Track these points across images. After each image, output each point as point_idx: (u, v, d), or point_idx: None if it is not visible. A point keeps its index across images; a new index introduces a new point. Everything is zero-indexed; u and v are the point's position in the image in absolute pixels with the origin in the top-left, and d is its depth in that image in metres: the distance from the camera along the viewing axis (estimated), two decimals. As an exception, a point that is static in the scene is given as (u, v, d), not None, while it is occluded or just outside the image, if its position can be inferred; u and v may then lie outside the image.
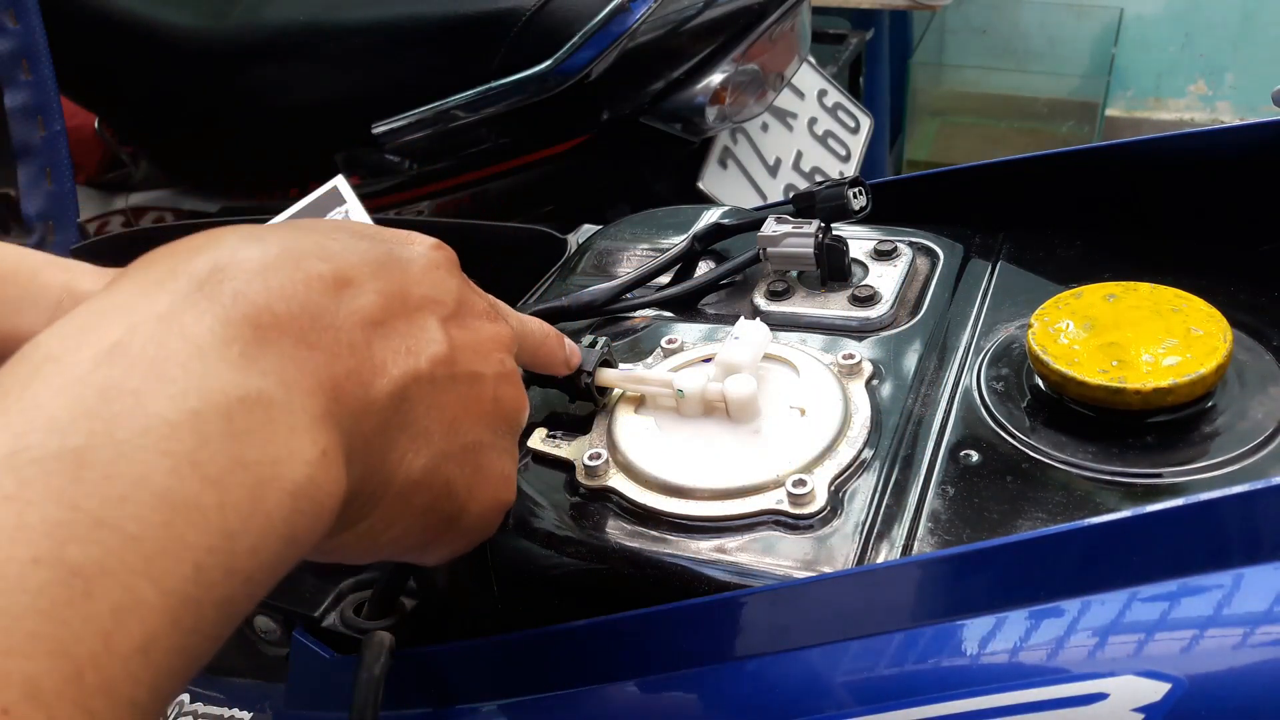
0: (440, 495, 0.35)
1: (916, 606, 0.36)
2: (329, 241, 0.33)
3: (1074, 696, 0.33)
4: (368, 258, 0.34)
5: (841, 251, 0.55)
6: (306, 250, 0.32)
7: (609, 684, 0.41)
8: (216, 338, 0.28)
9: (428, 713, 0.46)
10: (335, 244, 0.33)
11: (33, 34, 1.00)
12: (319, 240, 0.33)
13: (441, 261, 0.37)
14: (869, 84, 1.95)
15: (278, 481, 0.27)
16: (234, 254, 0.30)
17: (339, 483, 0.29)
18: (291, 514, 0.28)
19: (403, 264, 0.35)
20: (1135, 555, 0.33)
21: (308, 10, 1.15)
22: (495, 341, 0.38)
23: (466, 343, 0.36)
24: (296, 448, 0.28)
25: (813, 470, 0.43)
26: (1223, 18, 2.37)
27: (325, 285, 0.31)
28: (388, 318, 0.33)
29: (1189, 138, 0.54)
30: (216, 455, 0.26)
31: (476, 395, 0.36)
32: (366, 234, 0.35)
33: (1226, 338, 0.43)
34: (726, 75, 1.17)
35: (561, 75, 1.05)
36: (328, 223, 0.35)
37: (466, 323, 0.37)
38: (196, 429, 0.26)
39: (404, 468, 0.33)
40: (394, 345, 0.33)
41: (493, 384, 0.37)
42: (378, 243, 0.35)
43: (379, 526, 0.34)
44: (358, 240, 0.34)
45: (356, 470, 0.31)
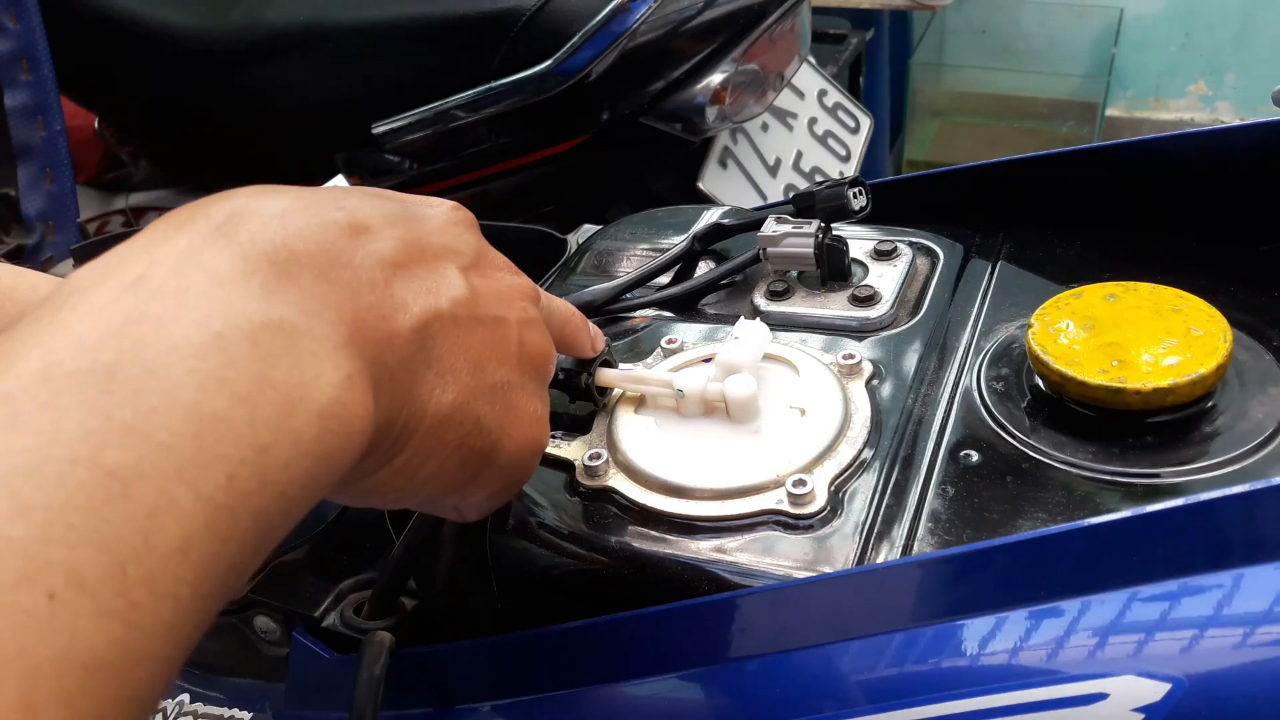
0: (472, 431, 0.35)
1: (916, 606, 0.36)
2: (345, 197, 0.34)
3: (1074, 696, 0.33)
4: (384, 210, 0.34)
5: (841, 251, 0.55)
6: (323, 201, 0.32)
7: (609, 684, 0.41)
8: (236, 271, 0.28)
9: (428, 713, 0.46)
10: (351, 199, 0.34)
11: (33, 34, 1.00)
12: (335, 195, 0.33)
13: (460, 219, 0.38)
14: (869, 84, 1.95)
15: (305, 401, 0.28)
16: (249, 202, 0.31)
17: (366, 407, 0.30)
18: (321, 432, 0.28)
19: (420, 218, 0.35)
20: (1135, 555, 0.33)
21: (308, 10, 1.15)
22: (517, 290, 0.38)
23: (488, 289, 0.36)
24: (322, 370, 0.28)
25: (813, 470, 0.43)
26: (1223, 18, 2.37)
27: (341, 230, 0.32)
28: (406, 261, 0.33)
29: (1189, 138, 0.54)
30: (243, 374, 0.26)
31: (501, 337, 0.36)
32: (383, 194, 0.36)
33: (1226, 338, 0.43)
34: (726, 75, 1.17)
35: (561, 75, 1.05)
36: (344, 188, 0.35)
37: (487, 273, 0.37)
38: (222, 350, 0.26)
39: (433, 402, 0.34)
40: (414, 286, 0.33)
41: (517, 328, 0.37)
42: (394, 201, 0.36)
43: (414, 462, 0.34)
44: (374, 198, 0.35)
45: (384, 400, 0.31)
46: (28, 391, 0.24)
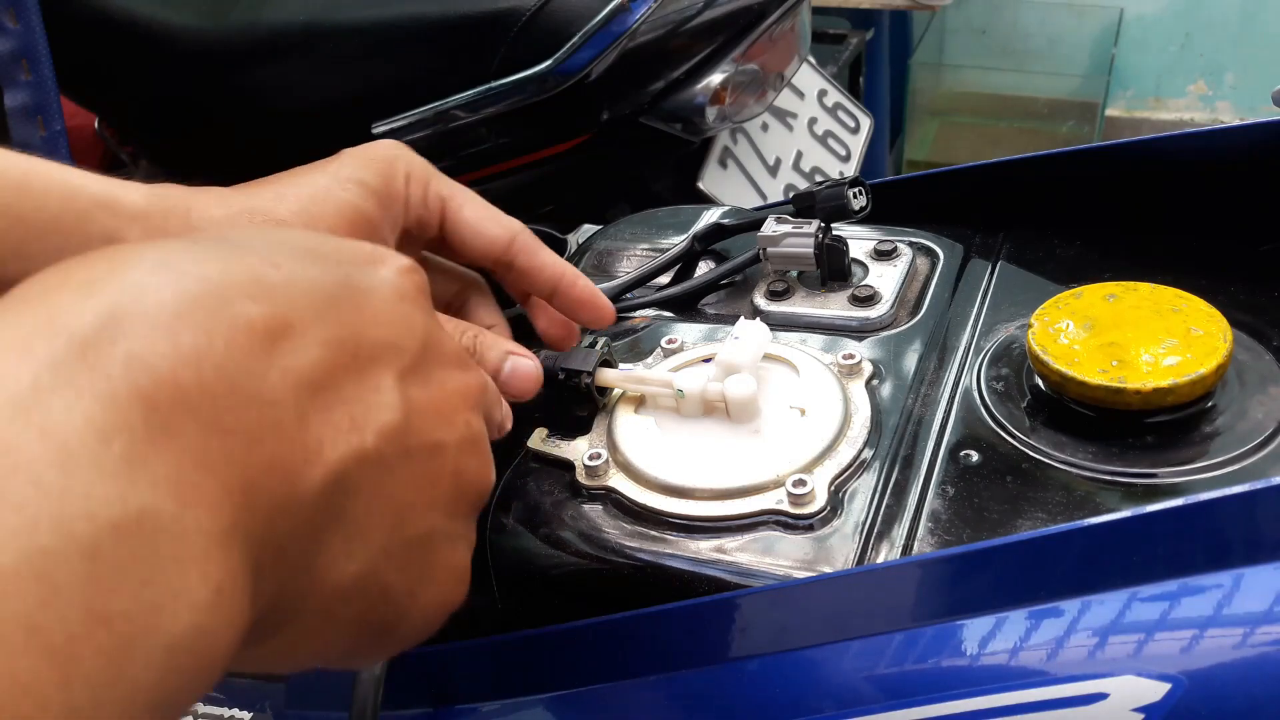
0: (375, 603, 0.29)
1: (916, 606, 0.36)
2: (269, 268, 0.26)
3: (1074, 696, 0.33)
4: (316, 290, 0.27)
5: (841, 251, 0.55)
6: (236, 282, 0.25)
7: (609, 684, 0.41)
8: (94, 430, 0.21)
9: (428, 713, 0.46)
10: (278, 272, 0.27)
11: (33, 34, 1.00)
12: (257, 266, 0.26)
13: (409, 290, 0.31)
14: (869, 84, 1.95)
15: (150, 637, 0.21)
16: (139, 295, 0.23)
17: (237, 620, 0.23)
18: (164, 674, 0.21)
19: (360, 296, 0.29)
20: (1135, 555, 0.33)
21: (307, 10, 1.15)
22: (463, 397, 0.32)
23: (427, 404, 0.30)
24: (183, 587, 0.21)
25: (813, 470, 0.43)
26: (1223, 18, 2.37)
27: (254, 338, 0.25)
28: (332, 377, 0.27)
29: (1189, 138, 0.54)
30: (66, 615, 0.19)
31: (433, 473, 0.30)
32: (320, 252, 0.29)
33: (1226, 338, 0.43)
34: (726, 75, 1.17)
35: (561, 75, 1.05)
36: (273, 235, 0.29)
37: (431, 375, 0.31)
38: (41, 580, 0.19)
39: (332, 575, 0.27)
40: (335, 417, 0.26)
41: (454, 455, 0.31)
42: (332, 265, 0.29)
43: (294, 641, 0.28)
44: (307, 264, 0.28)
45: (268, 587, 0.25)
46: None
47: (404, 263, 0.32)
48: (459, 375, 0.32)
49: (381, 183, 0.46)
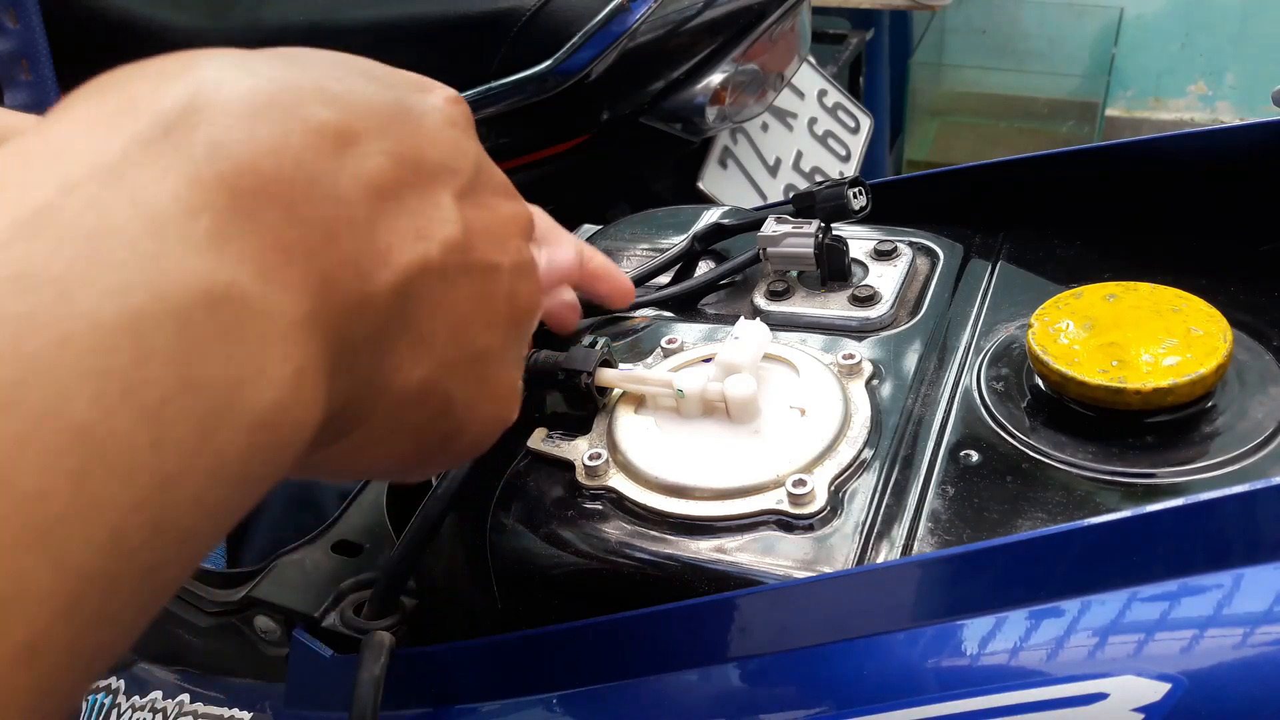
0: (438, 413, 0.30)
1: (916, 606, 0.36)
2: (332, 81, 0.27)
3: (1074, 696, 0.33)
4: (377, 106, 0.27)
5: (841, 251, 0.55)
6: (306, 90, 0.25)
7: (609, 684, 0.41)
8: (181, 206, 0.21)
9: (428, 713, 0.46)
10: (340, 85, 0.27)
11: (33, 34, 1.00)
12: (321, 77, 0.26)
13: (459, 118, 0.31)
14: (869, 84, 1.95)
15: (236, 409, 0.21)
16: (217, 88, 0.23)
17: (315, 407, 0.24)
18: (248, 449, 0.22)
19: (416, 118, 0.29)
20: (1135, 555, 0.33)
21: (307, 10, 1.15)
22: (514, 224, 0.33)
23: (483, 225, 0.31)
24: (267, 364, 0.22)
25: (813, 470, 0.43)
26: (1223, 18, 2.37)
27: (325, 140, 0.25)
28: (397, 185, 0.27)
29: (1189, 138, 0.54)
30: (160, 375, 0.20)
31: (490, 292, 0.31)
32: (375, 74, 0.29)
33: (1226, 338, 0.43)
34: (726, 75, 1.17)
35: (561, 75, 1.05)
36: (330, 56, 0.28)
37: (484, 199, 0.31)
38: (138, 338, 0.19)
39: (399, 379, 0.28)
40: (402, 226, 0.27)
41: (509, 278, 0.32)
42: (388, 87, 0.29)
43: (362, 445, 0.29)
44: (366, 81, 0.28)
45: (341, 385, 0.25)
46: None
47: (451, 93, 0.32)
48: (509, 204, 0.33)
49: None
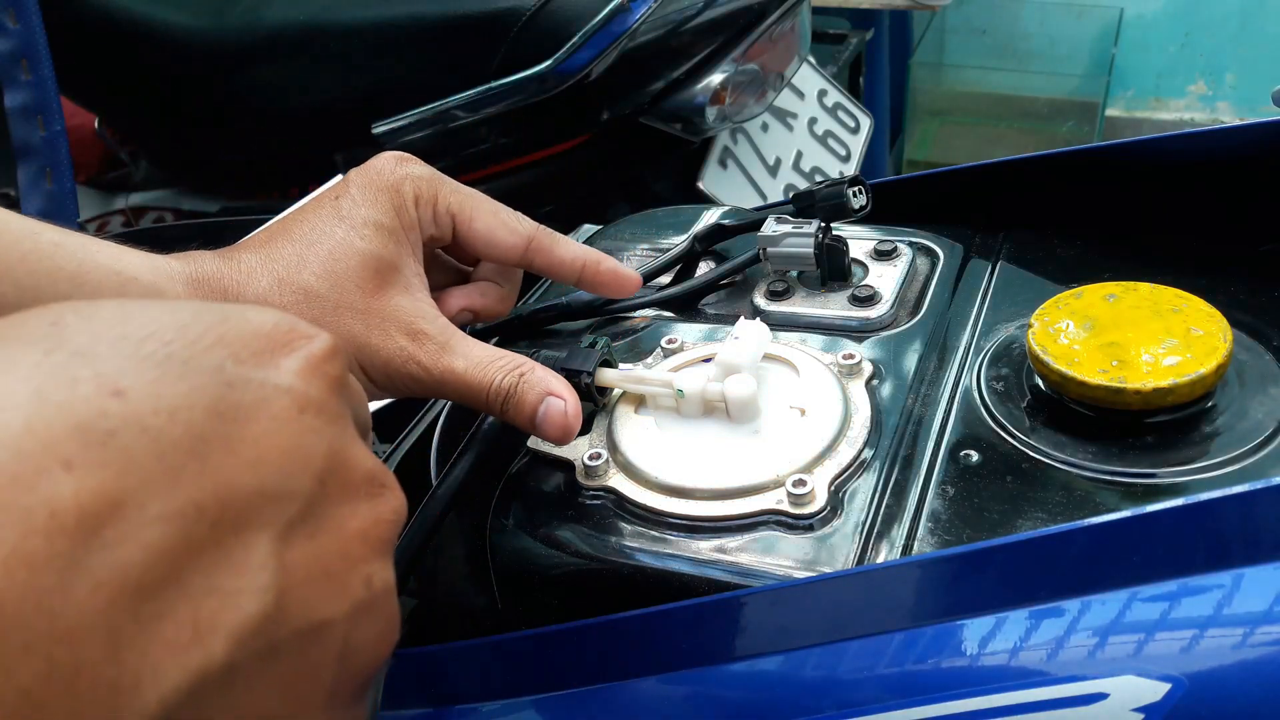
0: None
1: (916, 606, 0.36)
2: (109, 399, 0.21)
3: (1074, 696, 0.33)
4: (172, 426, 0.21)
5: (841, 251, 0.55)
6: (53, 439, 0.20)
7: (609, 684, 0.41)
8: None
9: (428, 713, 0.46)
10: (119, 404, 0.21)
11: (33, 34, 1.00)
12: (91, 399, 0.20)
13: (315, 395, 0.24)
14: (869, 84, 1.95)
15: None
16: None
17: None
18: None
19: (239, 422, 0.22)
20: (1135, 555, 0.33)
21: (307, 10, 1.15)
22: (367, 540, 0.26)
23: (315, 565, 0.24)
24: None
25: (813, 470, 0.43)
26: (1223, 18, 2.37)
27: (62, 536, 0.19)
28: (173, 568, 0.20)
29: (1189, 138, 0.54)
30: None
31: (310, 666, 0.24)
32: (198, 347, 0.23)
33: (1226, 338, 0.43)
34: (726, 75, 1.17)
35: (561, 75, 1.05)
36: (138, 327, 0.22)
37: (326, 518, 0.24)
38: None
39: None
40: (169, 630, 0.20)
41: (342, 632, 0.25)
42: (206, 374, 0.23)
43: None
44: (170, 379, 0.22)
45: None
46: None
47: (314, 352, 0.25)
48: (366, 508, 0.26)
49: (394, 218, 0.46)
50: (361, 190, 0.46)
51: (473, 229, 0.48)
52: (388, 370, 0.45)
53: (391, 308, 0.45)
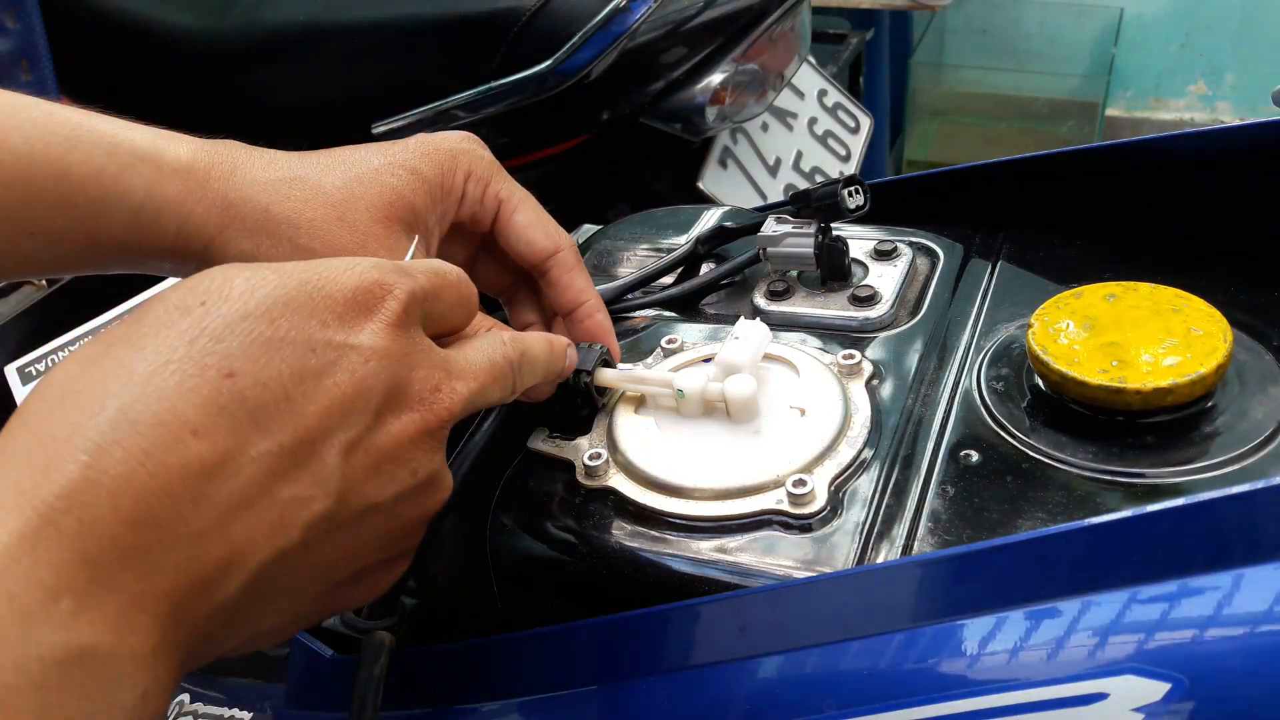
0: (294, 629, 0.35)
1: (916, 606, 0.36)
2: (222, 380, 0.30)
3: (1074, 696, 0.33)
4: (269, 392, 0.31)
5: (841, 251, 0.55)
6: (184, 418, 0.29)
7: (609, 684, 0.41)
8: (46, 592, 0.26)
9: (428, 713, 0.46)
10: (230, 384, 0.30)
11: (33, 34, 1.00)
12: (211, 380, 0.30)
13: (382, 346, 0.33)
14: (869, 84, 1.95)
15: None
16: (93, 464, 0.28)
17: (162, 703, 0.28)
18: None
19: (322, 375, 0.32)
20: (1135, 555, 0.33)
21: (307, 10, 1.15)
22: (419, 437, 0.35)
23: (373, 464, 0.33)
24: (116, 699, 0.27)
25: (813, 470, 0.43)
26: (1223, 18, 2.37)
27: (191, 476, 0.29)
28: (265, 488, 0.30)
29: (1189, 138, 0.54)
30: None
31: (364, 535, 0.34)
32: (298, 313, 0.32)
33: (1226, 338, 0.43)
34: (726, 75, 1.17)
35: (561, 75, 1.05)
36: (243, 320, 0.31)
37: (386, 425, 0.34)
38: (4, 706, 0.25)
39: (252, 628, 0.32)
40: (263, 521, 0.30)
41: (389, 511, 0.34)
42: (299, 347, 0.32)
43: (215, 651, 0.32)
44: (269, 357, 0.31)
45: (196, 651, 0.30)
46: None
47: (390, 309, 0.34)
48: (419, 415, 0.34)
49: (437, 175, 0.47)
50: (419, 144, 0.48)
51: (513, 220, 0.49)
52: None
53: (392, 241, 0.45)
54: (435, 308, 0.37)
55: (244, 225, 0.44)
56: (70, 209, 0.42)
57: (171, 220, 0.43)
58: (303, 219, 0.44)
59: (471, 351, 0.38)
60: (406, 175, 0.46)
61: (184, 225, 0.43)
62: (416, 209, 0.46)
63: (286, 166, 0.45)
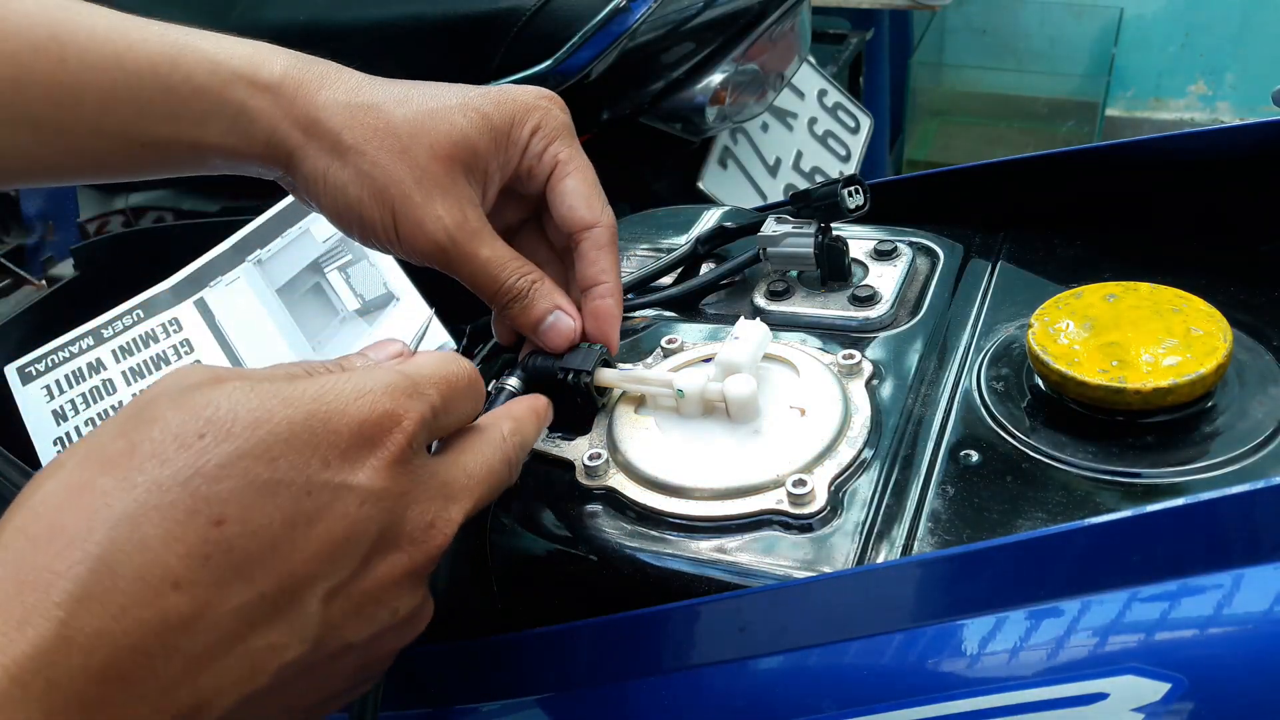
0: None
1: (916, 606, 0.36)
2: (210, 528, 0.29)
3: (1074, 696, 0.33)
4: (256, 541, 0.30)
5: (841, 251, 0.55)
6: (166, 573, 0.28)
7: (608, 684, 0.41)
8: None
9: (428, 713, 0.46)
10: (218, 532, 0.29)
11: (33, 34, 1.00)
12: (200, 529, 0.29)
13: (380, 487, 0.33)
14: (869, 84, 1.95)
15: None
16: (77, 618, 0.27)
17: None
18: None
19: (312, 521, 0.31)
20: (1135, 555, 0.33)
21: (308, 10, 1.15)
22: (404, 577, 0.34)
23: (354, 607, 0.33)
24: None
25: (813, 470, 0.43)
26: (1223, 18, 2.37)
27: (167, 631, 0.28)
28: (240, 637, 0.30)
29: (1189, 138, 0.54)
30: None
31: (337, 670, 0.34)
32: (298, 451, 0.31)
33: (1226, 338, 0.43)
34: (726, 75, 1.17)
35: (561, 75, 1.05)
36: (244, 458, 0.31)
37: (367, 576, 0.33)
38: None
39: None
40: (234, 668, 0.30)
41: (365, 646, 0.34)
42: (294, 490, 0.31)
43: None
44: (260, 502, 0.30)
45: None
46: None
47: (396, 443, 0.33)
48: (407, 556, 0.34)
49: (505, 123, 0.47)
50: (499, 92, 0.48)
51: (563, 184, 0.49)
52: (419, 228, 0.46)
53: (448, 180, 0.46)
54: (445, 421, 0.37)
55: (320, 144, 0.46)
56: (176, 121, 0.45)
57: (261, 131, 0.46)
58: (369, 147, 0.45)
59: (470, 460, 0.37)
60: (476, 117, 0.47)
61: (272, 136, 0.46)
62: (479, 152, 0.47)
63: (368, 92, 0.47)
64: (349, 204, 0.46)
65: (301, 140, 0.46)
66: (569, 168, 0.49)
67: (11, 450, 0.63)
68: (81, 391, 0.73)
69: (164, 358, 0.74)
